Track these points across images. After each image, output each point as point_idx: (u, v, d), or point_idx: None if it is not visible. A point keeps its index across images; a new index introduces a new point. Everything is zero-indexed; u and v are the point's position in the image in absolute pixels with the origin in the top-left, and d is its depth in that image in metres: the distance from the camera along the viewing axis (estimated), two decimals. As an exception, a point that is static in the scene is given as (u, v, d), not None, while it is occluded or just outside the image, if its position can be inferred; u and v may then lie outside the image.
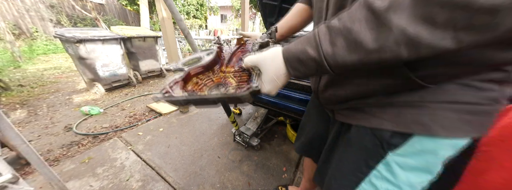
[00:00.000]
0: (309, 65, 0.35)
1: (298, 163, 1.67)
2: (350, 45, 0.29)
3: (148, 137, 1.96)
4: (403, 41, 0.25)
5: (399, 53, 0.27)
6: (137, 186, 1.39)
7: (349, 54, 0.30)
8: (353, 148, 0.52)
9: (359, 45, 0.28)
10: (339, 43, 0.30)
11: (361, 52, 0.29)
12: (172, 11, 1.32)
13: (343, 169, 0.55)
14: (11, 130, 0.82)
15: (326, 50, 0.31)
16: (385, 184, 0.45)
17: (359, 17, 0.28)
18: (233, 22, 11.24)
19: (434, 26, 0.23)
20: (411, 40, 0.25)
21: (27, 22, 5.94)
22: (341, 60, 0.31)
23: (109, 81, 3.03)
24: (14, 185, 0.74)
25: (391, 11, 0.25)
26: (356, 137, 0.51)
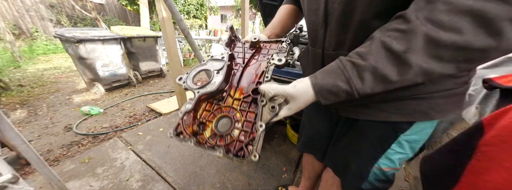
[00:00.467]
0: (341, 96, 0.40)
1: (298, 163, 1.67)
2: (376, 79, 0.35)
3: (148, 137, 1.96)
4: (420, 73, 0.33)
5: (416, 81, 0.34)
6: (137, 186, 1.39)
7: (377, 86, 0.36)
8: (365, 135, 0.62)
9: (385, 78, 0.35)
10: (367, 78, 0.36)
11: (387, 83, 0.35)
12: (172, 11, 1.32)
13: (361, 152, 0.65)
14: (11, 130, 0.82)
15: (357, 84, 0.37)
16: (397, 155, 0.59)
17: (381, 56, 0.34)
18: (233, 22, 11.24)
19: (442, 61, 0.31)
20: (426, 72, 0.32)
21: (27, 22, 5.94)
22: (369, 91, 0.37)
23: (109, 81, 3.03)
24: (14, 185, 0.74)
25: (408, 53, 0.32)
26: (367, 127, 0.61)
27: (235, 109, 0.54)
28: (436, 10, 0.29)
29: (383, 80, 0.35)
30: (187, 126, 0.51)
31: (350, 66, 0.38)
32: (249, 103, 0.54)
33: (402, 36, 0.32)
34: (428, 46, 0.30)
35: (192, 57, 5.59)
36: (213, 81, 0.56)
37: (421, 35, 0.31)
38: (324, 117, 0.80)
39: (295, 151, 1.79)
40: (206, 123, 0.54)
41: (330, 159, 0.83)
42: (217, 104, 0.56)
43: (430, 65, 0.31)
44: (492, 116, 0.57)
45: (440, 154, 0.72)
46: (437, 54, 0.30)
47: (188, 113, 0.52)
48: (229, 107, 0.55)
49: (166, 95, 3.17)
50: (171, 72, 2.33)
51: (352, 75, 0.37)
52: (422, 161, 0.78)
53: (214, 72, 0.58)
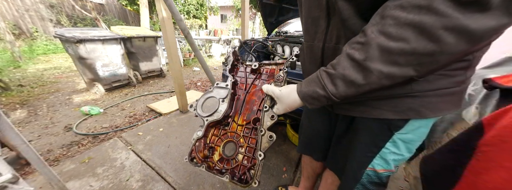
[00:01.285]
0: (321, 100, 0.48)
1: (298, 163, 1.67)
2: (347, 84, 0.42)
3: (148, 137, 1.96)
4: (383, 77, 0.38)
5: (382, 84, 0.40)
6: (137, 186, 1.39)
7: (349, 89, 0.43)
8: (361, 134, 0.62)
9: (354, 83, 0.41)
10: (339, 84, 0.43)
11: (357, 87, 0.41)
12: (172, 11, 1.32)
13: (356, 152, 0.65)
14: (11, 130, 0.82)
15: (331, 90, 0.44)
16: (392, 156, 0.58)
17: (347, 65, 0.41)
18: (233, 22, 11.23)
19: (399, 65, 0.36)
20: (388, 75, 0.38)
21: (27, 22, 5.94)
22: (343, 94, 0.44)
23: (109, 81, 3.03)
24: (14, 185, 0.74)
25: (367, 61, 0.38)
26: (361, 125, 0.62)
27: (239, 135, 0.60)
28: (386, 24, 0.35)
29: (353, 85, 0.41)
30: (199, 151, 0.58)
31: (325, 75, 0.45)
32: (251, 129, 0.60)
33: (361, 47, 0.39)
34: (383, 54, 0.36)
35: (192, 57, 5.59)
36: (219, 110, 0.62)
37: (376, 46, 0.37)
38: (323, 116, 0.81)
39: (295, 151, 1.80)
40: (215, 147, 0.61)
41: (331, 161, 0.83)
42: (224, 129, 0.63)
43: (389, 69, 0.37)
44: (492, 116, 0.57)
45: (440, 154, 0.72)
46: (392, 60, 0.36)
47: (199, 139, 0.59)
48: (233, 132, 0.62)
49: (166, 94, 3.17)
50: (171, 72, 2.33)
51: (327, 82, 0.45)
52: (422, 161, 0.78)
53: (220, 100, 0.64)
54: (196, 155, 0.58)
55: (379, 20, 0.37)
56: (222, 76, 1.84)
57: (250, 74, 0.73)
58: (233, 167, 0.56)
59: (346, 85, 0.42)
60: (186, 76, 4.36)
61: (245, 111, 0.65)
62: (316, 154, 0.92)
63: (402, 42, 0.34)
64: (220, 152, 0.58)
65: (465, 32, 0.31)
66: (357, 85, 0.41)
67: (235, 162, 0.56)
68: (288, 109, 0.56)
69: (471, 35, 0.31)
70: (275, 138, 0.54)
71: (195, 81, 3.98)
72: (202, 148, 0.58)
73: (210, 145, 0.60)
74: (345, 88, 0.43)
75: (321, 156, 0.89)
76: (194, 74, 4.54)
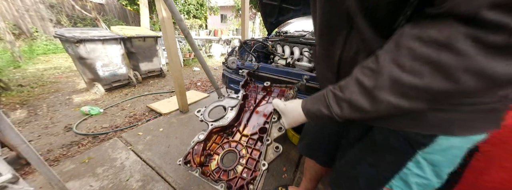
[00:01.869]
0: (324, 119, 0.47)
1: (298, 163, 1.67)
2: (352, 108, 0.41)
3: (148, 137, 1.96)
4: (391, 107, 0.36)
5: (390, 113, 0.38)
6: (137, 186, 1.39)
7: (353, 113, 0.41)
8: (378, 147, 0.55)
9: (360, 108, 0.39)
10: (344, 106, 0.42)
11: (362, 112, 0.40)
12: (172, 11, 1.32)
13: (370, 168, 0.57)
14: (11, 130, 0.82)
15: (336, 111, 0.43)
16: (415, 179, 0.50)
17: (355, 90, 0.39)
18: (233, 22, 11.23)
19: (410, 98, 0.34)
20: (396, 106, 0.36)
21: (27, 22, 5.93)
22: (348, 116, 0.42)
23: (109, 81, 3.03)
24: (14, 185, 0.74)
25: (376, 89, 0.36)
26: (379, 136, 0.55)
27: (242, 145, 0.59)
28: (401, 55, 0.33)
29: (358, 110, 0.40)
30: (196, 156, 0.56)
31: (331, 96, 0.45)
32: (256, 141, 0.60)
33: (372, 74, 0.37)
34: (393, 85, 0.34)
35: (192, 57, 5.59)
36: (226, 116, 0.62)
37: (387, 75, 0.35)
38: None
39: (295, 151, 1.80)
40: (213, 155, 0.59)
41: (338, 166, 0.75)
42: (226, 138, 0.62)
43: (398, 101, 0.35)
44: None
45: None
46: (403, 92, 0.34)
47: (199, 142, 0.57)
48: (236, 142, 0.60)
49: (166, 94, 3.17)
50: (171, 72, 2.33)
51: (332, 104, 0.44)
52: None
53: (229, 108, 0.65)
54: (192, 159, 0.56)
55: (394, 48, 0.34)
56: (222, 77, 1.84)
57: (261, 91, 0.76)
58: (230, 179, 0.53)
59: (351, 109, 0.41)
60: (186, 76, 4.36)
61: (251, 123, 0.65)
62: (321, 158, 0.87)
63: (416, 77, 0.32)
64: (218, 161, 0.56)
65: (489, 77, 0.28)
66: (363, 112, 0.40)
67: (234, 174, 0.54)
68: (293, 123, 0.56)
69: (495, 80, 0.28)
70: (282, 149, 0.53)
71: (195, 81, 3.98)
72: (199, 153, 0.56)
73: (209, 151, 0.58)
74: (350, 112, 0.41)
75: (326, 161, 0.83)
76: (194, 74, 4.54)
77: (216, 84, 1.73)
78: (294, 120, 0.54)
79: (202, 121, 0.63)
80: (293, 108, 0.54)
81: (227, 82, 1.76)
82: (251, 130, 0.62)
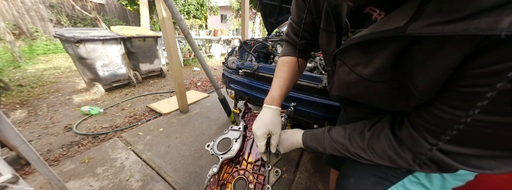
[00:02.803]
0: (319, 151, 0.58)
1: (298, 163, 1.67)
2: (340, 152, 0.53)
3: (148, 137, 1.96)
4: (371, 159, 0.47)
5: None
6: (137, 186, 1.39)
7: (340, 155, 0.54)
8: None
9: (344, 154, 0.52)
10: (335, 152, 0.54)
11: (346, 155, 0.52)
12: (172, 11, 1.32)
13: (367, 172, 0.59)
14: (11, 130, 0.82)
15: (328, 152, 0.56)
16: (417, 188, 0.50)
17: (343, 149, 0.52)
18: (233, 22, 11.22)
19: (367, 158, 0.48)
20: (374, 161, 0.47)
21: (27, 22, 5.93)
22: (330, 152, 0.55)
23: (109, 81, 3.03)
24: (14, 185, 0.74)
25: (349, 154, 0.50)
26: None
27: (249, 172, 0.67)
28: (368, 153, 0.46)
29: (344, 154, 0.52)
30: (214, 187, 0.62)
31: (328, 141, 0.55)
32: (259, 167, 0.67)
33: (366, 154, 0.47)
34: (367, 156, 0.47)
35: (192, 57, 5.59)
36: (232, 149, 0.69)
37: (354, 151, 0.49)
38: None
39: (295, 151, 1.80)
40: (226, 184, 0.66)
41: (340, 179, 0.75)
42: (235, 167, 0.69)
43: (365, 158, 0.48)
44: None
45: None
46: (362, 157, 0.48)
47: (214, 175, 0.64)
48: (244, 170, 0.68)
49: (166, 94, 3.17)
50: (171, 72, 2.33)
51: (327, 147, 0.55)
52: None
53: (233, 140, 0.72)
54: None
55: (365, 147, 0.47)
56: (222, 77, 1.84)
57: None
58: None
59: (340, 153, 0.53)
60: (186, 76, 4.36)
61: (254, 150, 0.73)
62: (341, 167, 0.85)
63: (367, 156, 0.47)
64: (231, 188, 0.64)
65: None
66: (347, 154, 0.52)
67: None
68: (288, 150, 0.65)
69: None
70: (280, 173, 0.65)
71: (195, 81, 3.98)
72: (216, 184, 0.63)
73: (223, 181, 0.66)
74: (338, 154, 0.54)
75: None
76: (194, 74, 4.54)
77: (216, 84, 1.73)
78: (290, 148, 0.64)
79: (212, 154, 0.70)
80: (288, 138, 0.64)
81: (227, 83, 1.76)
82: (255, 157, 0.70)
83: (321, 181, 1.50)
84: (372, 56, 0.37)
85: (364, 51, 0.39)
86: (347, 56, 0.44)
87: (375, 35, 0.33)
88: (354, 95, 0.48)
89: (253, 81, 1.56)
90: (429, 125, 0.34)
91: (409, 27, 0.28)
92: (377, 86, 0.39)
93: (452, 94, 0.29)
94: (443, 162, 0.34)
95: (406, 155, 0.39)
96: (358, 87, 0.44)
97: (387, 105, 0.43)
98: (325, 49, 0.56)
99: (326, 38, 0.53)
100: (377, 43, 0.35)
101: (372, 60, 0.37)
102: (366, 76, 0.39)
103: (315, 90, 1.29)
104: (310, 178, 1.53)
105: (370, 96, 0.44)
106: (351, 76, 0.44)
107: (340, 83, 0.51)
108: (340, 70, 0.48)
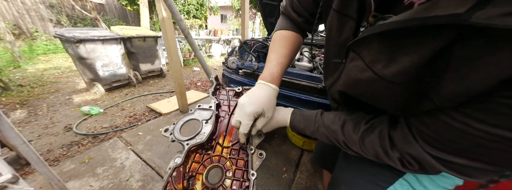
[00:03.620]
0: (303, 134, 0.58)
1: (298, 163, 1.67)
2: (328, 140, 0.51)
3: (148, 137, 1.96)
4: (357, 151, 0.46)
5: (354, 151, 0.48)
6: (137, 186, 1.39)
7: (327, 141, 0.53)
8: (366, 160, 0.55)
9: (333, 142, 0.51)
10: (322, 135, 0.52)
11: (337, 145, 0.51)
12: (172, 11, 1.32)
13: (357, 178, 0.57)
14: (11, 130, 0.83)
15: (316, 137, 0.54)
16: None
17: (339, 138, 0.49)
18: (233, 22, 11.23)
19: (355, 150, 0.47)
20: (359, 153, 0.46)
21: (27, 22, 5.94)
22: (317, 136, 0.54)
23: (109, 81, 3.03)
24: (14, 185, 0.74)
25: (349, 145, 0.48)
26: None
27: (225, 158, 0.54)
28: (363, 148, 0.45)
29: (331, 141, 0.51)
30: (176, 183, 0.49)
31: (319, 125, 0.52)
32: (238, 150, 0.56)
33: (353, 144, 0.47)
34: (360, 150, 0.45)
35: (192, 57, 5.59)
36: (202, 132, 0.56)
37: (343, 140, 0.48)
38: None
39: (295, 151, 1.80)
40: (196, 175, 0.53)
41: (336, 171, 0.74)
42: (207, 154, 0.56)
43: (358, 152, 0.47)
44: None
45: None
46: (349, 147, 0.48)
47: (177, 167, 0.50)
48: (218, 156, 0.55)
49: (166, 94, 3.17)
50: (171, 72, 2.33)
51: (316, 131, 0.52)
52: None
53: (203, 122, 0.59)
54: (173, 188, 0.49)
55: (356, 138, 0.45)
56: (222, 77, 1.84)
57: (233, 97, 0.70)
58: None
59: (327, 139, 0.52)
60: (186, 76, 4.36)
61: (230, 132, 0.60)
62: (329, 167, 0.87)
63: (363, 154, 0.46)
64: (203, 180, 0.51)
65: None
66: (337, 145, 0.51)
67: (223, 189, 0.50)
68: (271, 129, 0.58)
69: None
70: (265, 155, 0.53)
71: (195, 81, 3.98)
72: (180, 179, 0.50)
73: (190, 173, 0.52)
74: (325, 139, 0.53)
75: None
76: (194, 74, 4.54)
77: (216, 84, 1.73)
78: (274, 126, 0.58)
79: (173, 141, 0.56)
80: (274, 115, 0.56)
81: (227, 83, 1.76)
82: (232, 140, 0.59)
83: (321, 181, 1.50)
84: (399, 52, 0.30)
85: (388, 44, 0.31)
86: (365, 49, 0.36)
87: (421, 22, 0.24)
88: (360, 94, 0.42)
89: (253, 81, 1.56)
90: (426, 129, 0.32)
91: (475, 15, 0.20)
92: (394, 88, 0.33)
93: (482, 105, 0.24)
94: (430, 165, 0.33)
95: (393, 154, 0.38)
96: (370, 86, 0.37)
97: (393, 108, 0.38)
98: (334, 37, 0.45)
99: (338, 23, 0.43)
100: (413, 35, 0.28)
101: (398, 58, 0.30)
102: (386, 76, 0.32)
103: (315, 90, 1.29)
104: (310, 178, 1.53)
105: (379, 97, 0.38)
106: (366, 74, 0.36)
107: (348, 79, 0.43)
108: (351, 65, 0.40)
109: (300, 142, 1.78)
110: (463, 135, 0.27)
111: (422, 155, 0.33)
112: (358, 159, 0.58)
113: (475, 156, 0.29)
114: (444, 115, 0.29)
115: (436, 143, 0.32)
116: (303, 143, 1.77)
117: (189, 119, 0.61)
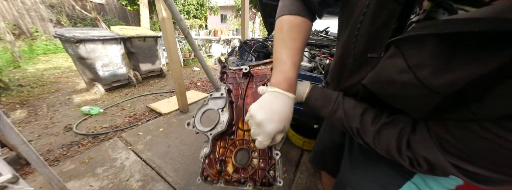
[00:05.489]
0: (315, 112, 0.52)
1: (298, 163, 1.67)
2: (342, 127, 0.47)
3: (148, 137, 1.96)
4: (368, 142, 0.43)
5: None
6: (137, 186, 1.39)
7: (340, 126, 0.48)
8: (376, 158, 0.52)
9: (345, 128, 0.47)
10: (339, 116, 0.47)
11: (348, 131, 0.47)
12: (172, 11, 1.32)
13: (365, 180, 0.55)
14: (11, 130, 0.82)
15: (330, 119, 0.49)
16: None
17: (356, 124, 0.44)
18: (233, 22, 11.22)
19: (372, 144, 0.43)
20: (368, 144, 0.43)
21: (27, 22, 5.93)
22: (331, 118, 0.49)
23: (109, 81, 3.03)
24: (14, 185, 0.74)
25: (361, 134, 0.44)
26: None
27: (248, 140, 0.57)
28: (375, 144, 0.42)
29: (344, 127, 0.47)
30: (211, 168, 0.55)
31: (338, 106, 0.47)
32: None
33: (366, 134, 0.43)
34: (372, 141, 0.42)
35: (192, 57, 5.59)
36: (221, 120, 0.59)
37: (357, 127, 0.44)
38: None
39: (295, 151, 1.80)
40: (226, 159, 0.57)
41: (340, 174, 0.71)
42: (231, 139, 0.60)
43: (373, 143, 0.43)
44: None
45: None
46: (361, 137, 0.44)
47: (207, 156, 0.56)
48: (241, 139, 0.59)
49: (166, 94, 3.17)
50: (171, 72, 2.33)
51: (334, 112, 0.47)
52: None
53: (219, 111, 0.60)
54: (209, 173, 0.55)
55: (373, 129, 0.42)
56: (222, 76, 1.84)
57: (242, 79, 0.69)
58: (251, 174, 0.54)
59: (341, 126, 0.48)
60: (186, 76, 4.36)
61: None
62: (329, 168, 0.85)
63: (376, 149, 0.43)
64: (233, 162, 0.56)
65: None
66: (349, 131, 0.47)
67: (252, 168, 0.54)
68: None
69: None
70: (286, 135, 0.52)
71: (195, 81, 3.98)
72: (213, 164, 0.55)
73: (221, 158, 0.57)
74: (338, 123, 0.48)
75: (335, 171, 0.78)
76: (194, 74, 4.54)
77: (216, 85, 1.73)
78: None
79: (198, 133, 0.59)
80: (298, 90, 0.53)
81: (227, 82, 1.75)
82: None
83: (321, 181, 1.50)
84: (458, 59, 0.24)
85: (448, 47, 0.25)
86: (412, 48, 0.28)
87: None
88: (389, 95, 0.37)
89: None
90: (451, 138, 0.29)
91: None
92: (432, 96, 0.28)
93: None
94: (446, 171, 0.32)
95: (406, 153, 0.36)
96: (402, 90, 0.32)
97: (417, 112, 0.35)
98: (367, 26, 0.36)
99: (376, 7, 0.34)
100: (484, 40, 0.22)
101: (454, 66, 0.24)
102: (431, 85, 0.27)
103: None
104: (310, 178, 1.53)
105: (406, 100, 0.34)
106: (404, 77, 0.30)
107: (378, 77, 0.36)
108: (388, 62, 0.33)
109: (300, 142, 1.78)
110: (495, 148, 0.25)
111: (441, 162, 0.31)
112: (363, 161, 0.58)
113: (501, 169, 0.27)
114: (478, 126, 0.26)
115: (459, 153, 0.29)
116: (303, 143, 1.77)
117: (205, 110, 0.62)
